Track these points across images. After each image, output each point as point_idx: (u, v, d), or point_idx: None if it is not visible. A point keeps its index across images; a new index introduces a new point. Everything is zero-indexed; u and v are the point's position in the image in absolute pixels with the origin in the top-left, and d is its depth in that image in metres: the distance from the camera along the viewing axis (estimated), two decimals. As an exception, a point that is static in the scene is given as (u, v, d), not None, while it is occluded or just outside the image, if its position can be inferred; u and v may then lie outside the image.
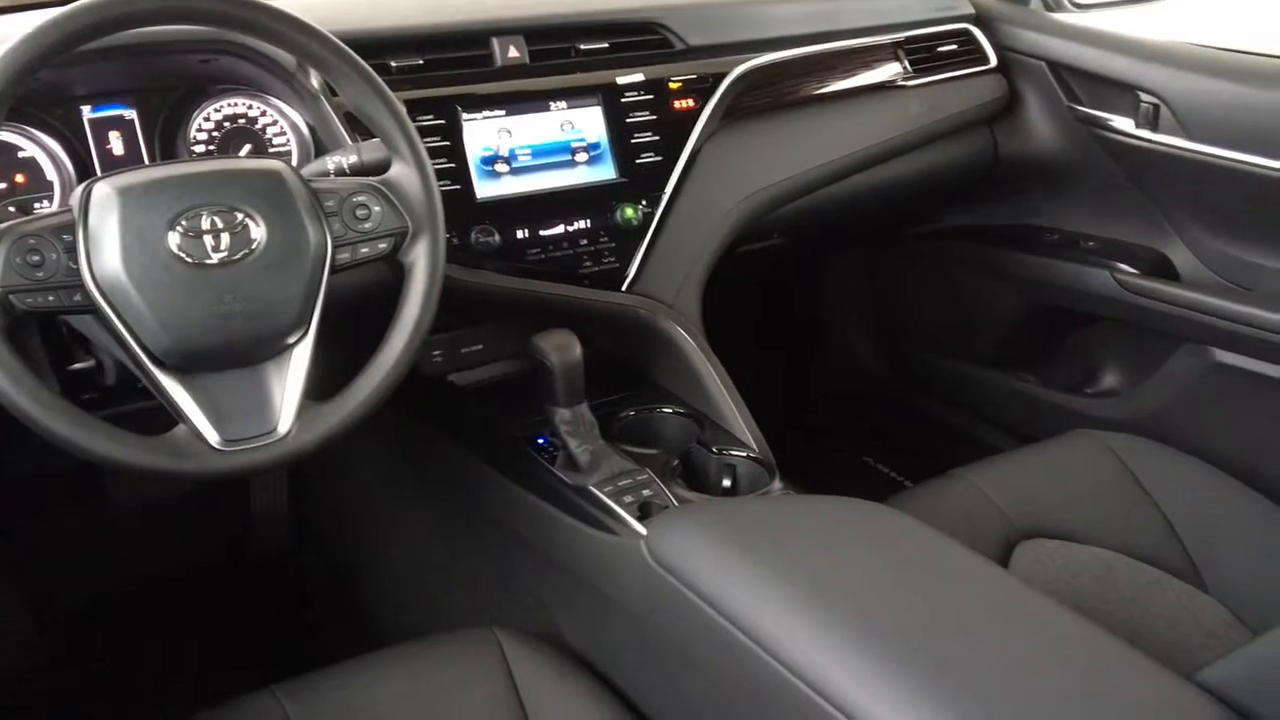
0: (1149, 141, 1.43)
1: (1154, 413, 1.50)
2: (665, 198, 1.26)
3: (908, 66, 1.48)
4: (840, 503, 1.01)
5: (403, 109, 0.96)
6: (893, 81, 1.47)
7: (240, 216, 0.87)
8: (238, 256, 0.87)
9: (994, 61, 1.55)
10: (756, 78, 1.35)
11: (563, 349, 1.10)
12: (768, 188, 1.37)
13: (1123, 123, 1.46)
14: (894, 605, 0.85)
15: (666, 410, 1.24)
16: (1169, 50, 1.44)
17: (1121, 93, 1.45)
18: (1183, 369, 1.46)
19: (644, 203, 1.25)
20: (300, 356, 0.90)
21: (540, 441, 1.17)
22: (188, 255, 0.85)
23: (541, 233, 1.20)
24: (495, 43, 1.21)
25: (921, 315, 1.85)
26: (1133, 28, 1.51)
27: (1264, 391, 1.37)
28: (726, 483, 1.15)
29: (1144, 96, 1.42)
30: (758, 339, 1.95)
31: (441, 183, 1.12)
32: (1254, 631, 1.13)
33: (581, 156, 1.23)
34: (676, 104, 1.29)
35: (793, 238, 1.57)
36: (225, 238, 0.87)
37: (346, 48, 0.94)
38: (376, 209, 0.94)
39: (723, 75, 1.32)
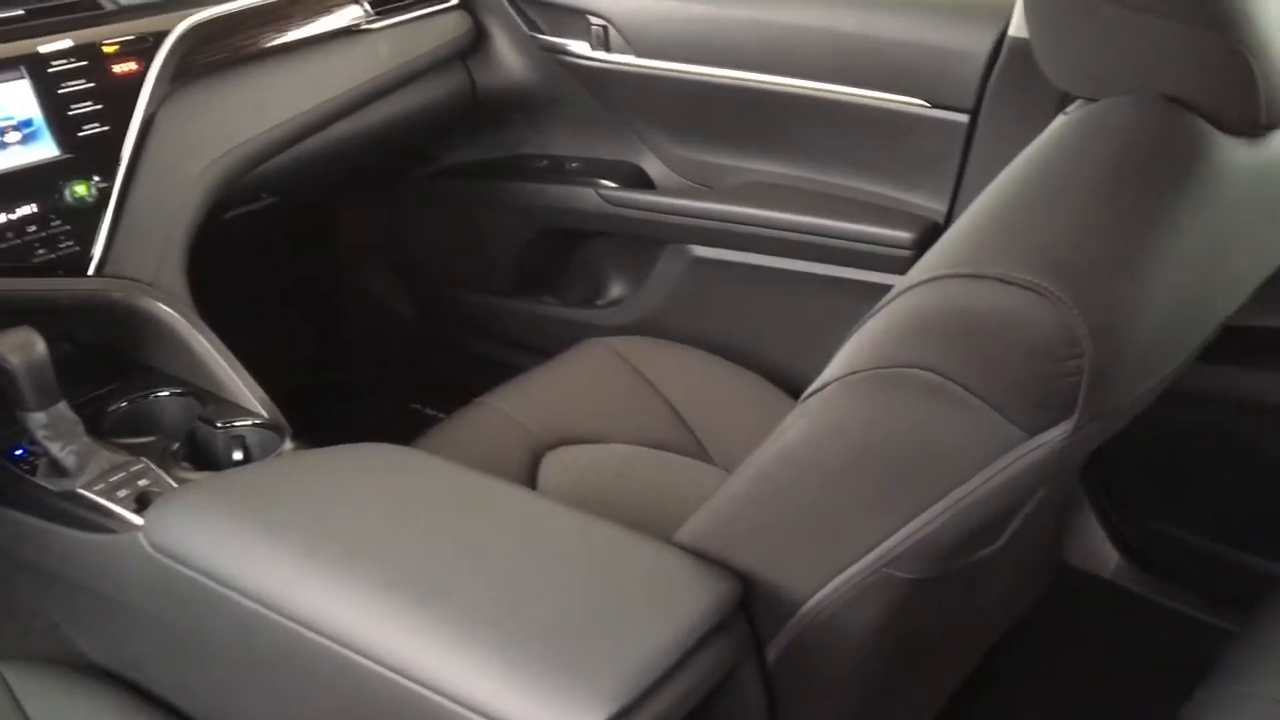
0: (605, 62, 1.53)
1: (653, 312, 1.63)
2: (122, 170, 1.18)
3: (368, 9, 1.47)
4: (347, 450, 1.01)
5: None
6: (356, 25, 1.46)
7: None
8: None
9: (456, -2, 1.58)
10: (205, 33, 1.28)
11: (24, 348, 1.01)
12: (240, 146, 1.31)
13: (580, 46, 1.54)
14: (396, 538, 0.87)
15: (163, 393, 1.18)
16: (608, -28, 1.54)
17: (574, 18, 1.54)
18: (669, 268, 1.59)
19: (98, 178, 1.16)
20: None
21: (18, 453, 1.07)
22: None
23: (-23, 225, 1.08)
24: None
25: (442, 254, 1.87)
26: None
27: (734, 276, 1.52)
28: (238, 455, 1.11)
29: (593, 19, 1.51)
30: (281, 303, 1.89)
31: None
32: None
33: (13, 136, 1.12)
34: (116, 69, 1.20)
35: (286, 195, 1.53)
36: None
37: None
38: None
39: (165, 33, 1.24)
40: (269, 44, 1.36)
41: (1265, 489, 1.31)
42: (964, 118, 1.30)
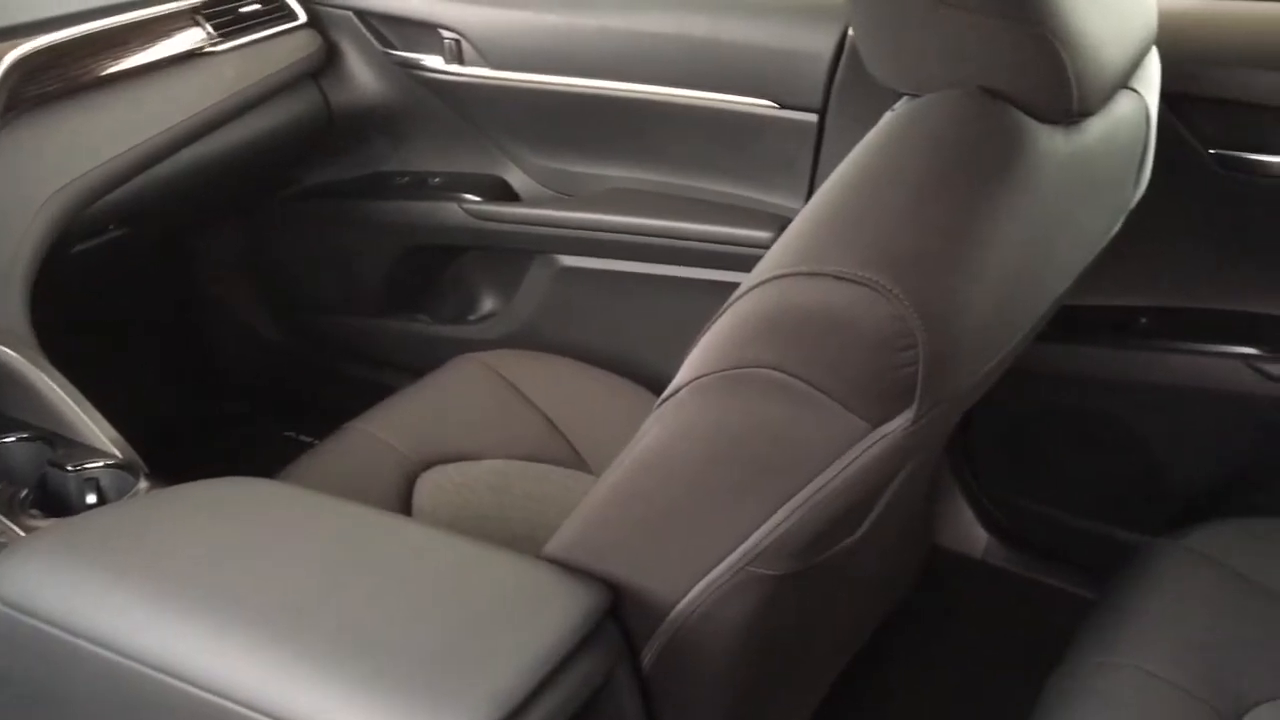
0: (460, 75, 1.52)
1: (526, 324, 1.62)
2: (-49, 210, 1.13)
3: (211, 31, 1.43)
4: (204, 486, 0.97)
5: None
6: (199, 49, 1.42)
7: None
8: None
9: (303, 17, 1.55)
10: (35, 64, 1.23)
11: None
12: (80, 178, 1.26)
13: (434, 61, 1.53)
14: (256, 575, 0.84)
15: (9, 439, 1.12)
16: (456, -15, 1.53)
17: (426, 32, 1.52)
18: (538, 279, 1.59)
19: (-75, 219, 1.11)
20: None
21: None
22: None
23: None
24: None
25: (309, 278, 1.84)
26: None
27: (602, 284, 1.53)
28: (91, 498, 1.07)
29: (445, 33, 1.50)
30: (142, 336, 1.83)
31: None
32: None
33: None
34: (-60, 104, 1.15)
35: (136, 225, 1.48)
36: None
37: None
38: None
39: (-9, 66, 1.20)
40: (106, 72, 1.32)
41: (1118, 461, 1.37)
42: (813, 117, 1.32)
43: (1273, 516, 1.24)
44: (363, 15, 1.56)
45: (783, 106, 1.34)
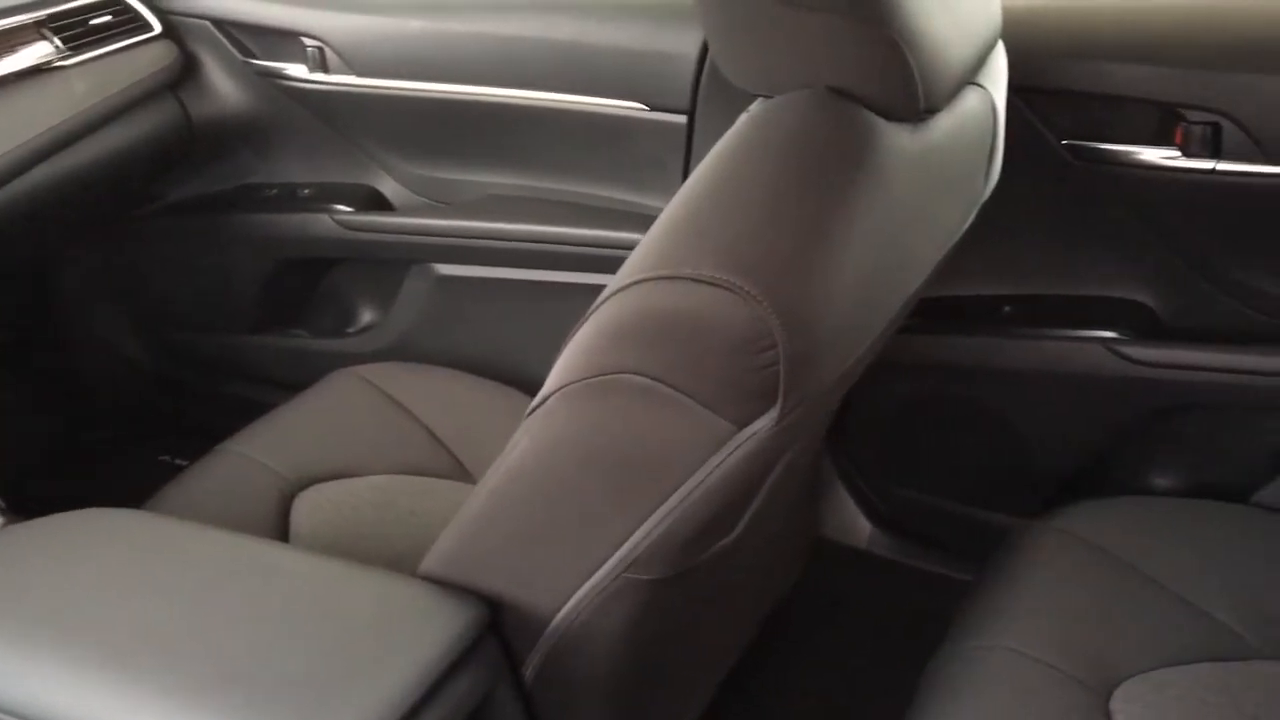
0: (325, 84, 1.48)
1: (405, 335, 1.59)
2: None
3: (60, 45, 1.38)
4: (60, 520, 0.94)
5: None
6: (47, 63, 1.36)
7: None
8: None
9: (158, 28, 1.50)
10: None
11: None
12: (-81, 202, 1.21)
13: (297, 70, 1.50)
14: (113, 611, 0.81)
15: None
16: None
17: (288, 41, 1.49)
18: (415, 289, 1.56)
19: None
20: None
21: None
22: None
23: None
24: None
25: (179, 296, 1.78)
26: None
27: (481, 292, 1.51)
28: (-58, 539, 1.02)
29: (307, 41, 1.47)
30: (3, 363, 1.75)
31: None
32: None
33: None
34: None
35: (-14, 249, 1.42)
36: None
37: None
38: None
39: None
40: (-58, 89, 1.26)
41: (990, 446, 1.41)
42: (682, 119, 1.32)
43: (1138, 494, 1.29)
44: (221, 24, 1.51)
45: (652, 108, 1.34)
